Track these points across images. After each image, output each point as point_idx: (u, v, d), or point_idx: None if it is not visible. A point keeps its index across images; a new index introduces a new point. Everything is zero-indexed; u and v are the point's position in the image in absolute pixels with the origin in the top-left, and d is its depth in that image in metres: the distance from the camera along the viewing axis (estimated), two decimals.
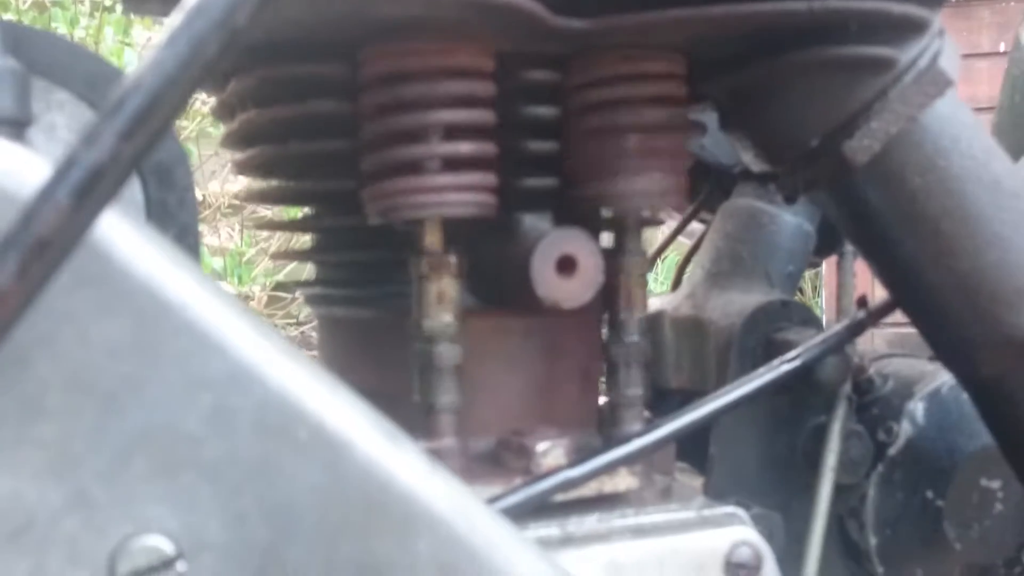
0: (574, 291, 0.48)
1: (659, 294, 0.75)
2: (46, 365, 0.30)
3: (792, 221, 0.70)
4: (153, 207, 0.43)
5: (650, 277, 0.73)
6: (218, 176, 2.84)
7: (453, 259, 0.48)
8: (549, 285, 0.48)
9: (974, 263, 0.52)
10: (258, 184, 0.59)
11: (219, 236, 3.76)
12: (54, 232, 0.26)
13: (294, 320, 2.86)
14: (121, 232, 0.31)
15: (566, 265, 0.48)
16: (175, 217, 0.43)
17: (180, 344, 0.31)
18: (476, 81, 0.47)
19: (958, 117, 0.51)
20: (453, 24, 0.45)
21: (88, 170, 0.26)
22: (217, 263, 3.46)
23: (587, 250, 0.48)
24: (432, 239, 0.48)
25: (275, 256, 0.59)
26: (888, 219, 0.52)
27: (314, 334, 2.88)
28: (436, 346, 0.48)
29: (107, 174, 0.26)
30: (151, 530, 0.31)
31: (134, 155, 0.26)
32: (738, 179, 0.72)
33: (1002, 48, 3.03)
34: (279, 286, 2.76)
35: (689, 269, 0.74)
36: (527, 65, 0.51)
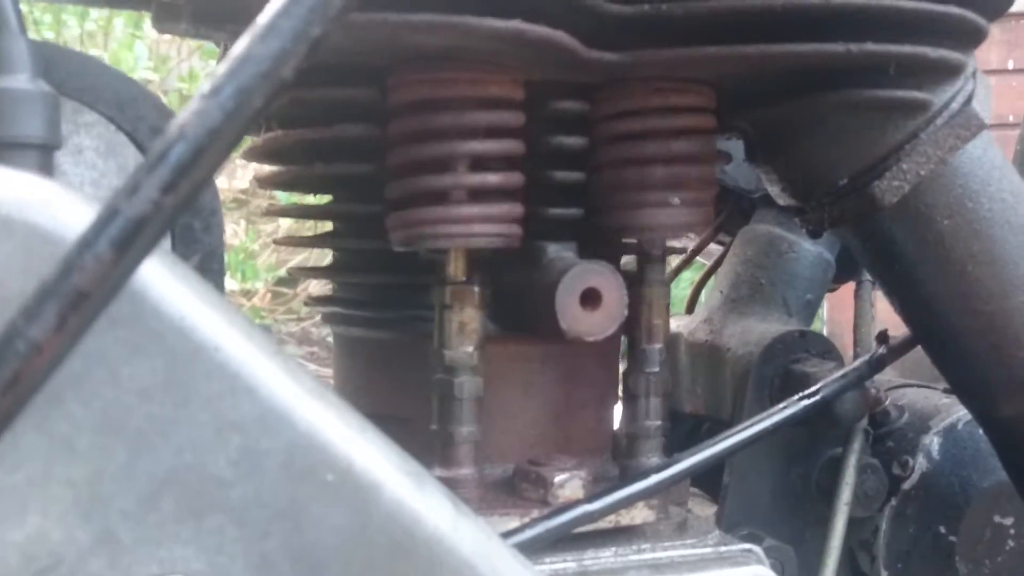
0: (598, 324, 0.48)
1: (674, 315, 0.74)
2: (77, 405, 0.30)
3: (812, 249, 0.69)
4: (179, 231, 0.43)
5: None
6: (223, 170, 2.83)
7: (476, 289, 0.48)
8: (573, 318, 0.47)
9: (1000, 306, 0.51)
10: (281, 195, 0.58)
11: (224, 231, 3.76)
12: (93, 284, 0.26)
13: (295, 316, 2.86)
14: (154, 272, 0.30)
15: (590, 298, 0.48)
16: (200, 241, 0.43)
17: (210, 386, 0.31)
18: (505, 111, 0.47)
19: (988, 159, 0.51)
20: (486, 54, 0.45)
21: (129, 221, 0.26)
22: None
23: (611, 284, 0.48)
24: (456, 269, 0.48)
25: (280, 243, 0.59)
26: (914, 258, 0.52)
27: (314, 330, 2.88)
28: (457, 377, 0.48)
29: (148, 226, 0.26)
30: (177, 571, 0.31)
31: (176, 207, 0.26)
32: (758, 204, 0.71)
33: (1011, 65, 3.02)
34: (281, 281, 2.76)
35: (705, 291, 0.74)
36: (556, 94, 0.50)
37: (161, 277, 0.31)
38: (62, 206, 0.29)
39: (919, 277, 0.52)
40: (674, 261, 0.80)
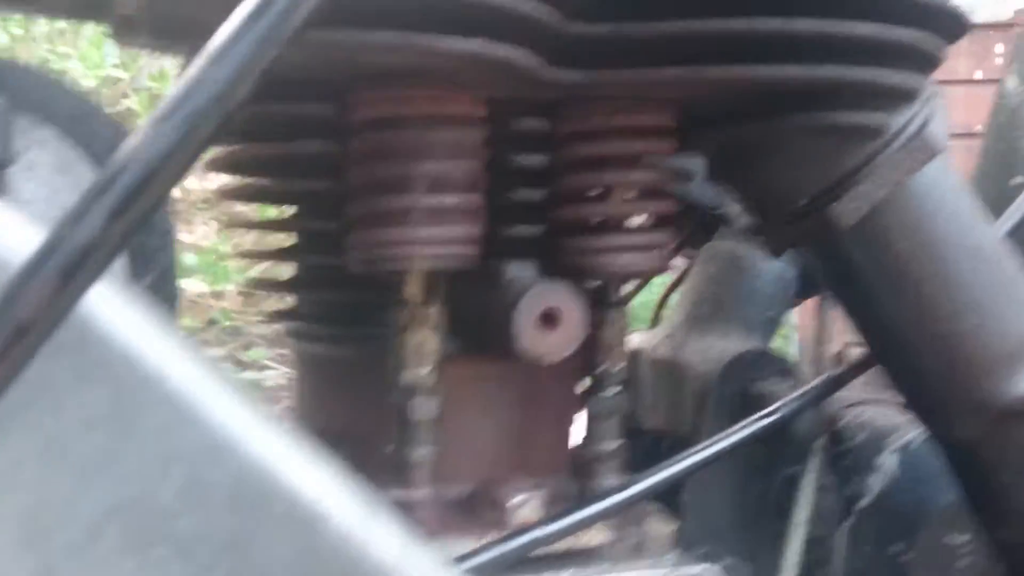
0: (556, 345, 0.48)
1: (637, 329, 0.75)
2: (20, 435, 0.29)
3: (773, 267, 0.70)
4: (133, 250, 0.42)
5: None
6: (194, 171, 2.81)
7: (434, 311, 0.48)
8: (531, 339, 0.47)
9: (953, 327, 0.52)
10: (242, 208, 0.58)
11: (194, 232, 3.73)
12: (36, 315, 0.25)
13: (267, 318, 2.84)
14: (101, 298, 0.30)
15: (549, 319, 0.48)
16: (155, 261, 0.42)
17: (156, 416, 0.30)
18: (466, 130, 0.47)
19: (945, 182, 0.51)
20: (447, 73, 0.45)
21: (76, 249, 0.25)
22: (191, 260, 3.43)
23: (571, 304, 0.48)
24: (413, 290, 0.47)
25: (244, 255, 0.58)
26: (871, 279, 0.52)
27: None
28: (413, 398, 0.48)
29: (95, 254, 0.25)
30: None
31: (125, 234, 0.26)
32: (721, 220, 0.72)
33: (978, 76, 3.06)
34: (252, 283, 2.73)
35: (669, 307, 0.74)
36: (518, 112, 0.50)
37: (108, 304, 0.30)
38: (6, 229, 0.28)
39: (876, 297, 0.53)
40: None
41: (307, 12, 0.28)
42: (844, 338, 0.66)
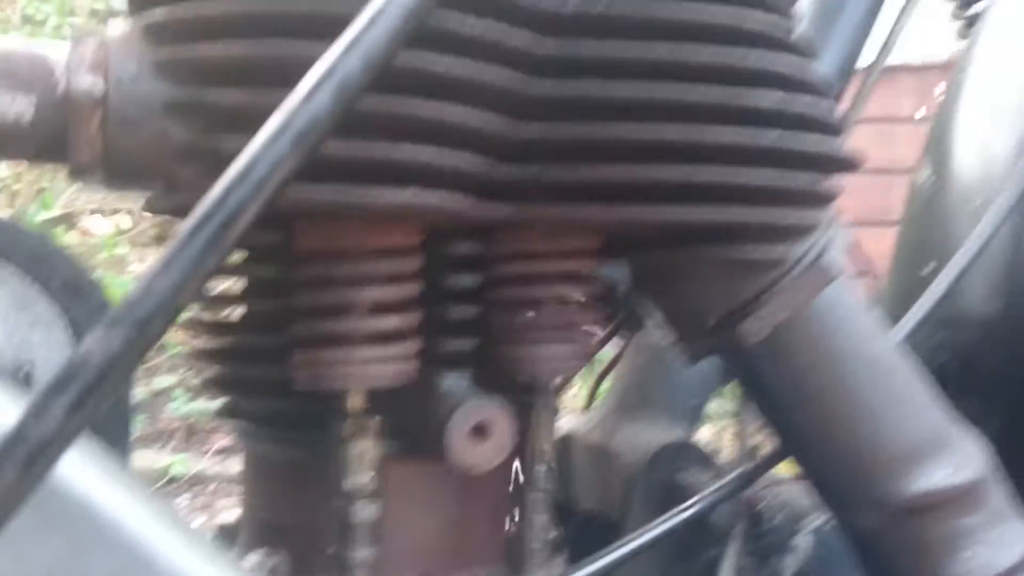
0: (486, 456, 0.52)
1: (573, 412, 0.79)
2: None
3: None
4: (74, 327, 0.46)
5: None
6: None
7: (374, 422, 0.51)
8: (462, 451, 0.51)
9: (853, 433, 0.57)
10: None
11: (145, 261, 3.74)
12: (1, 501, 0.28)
13: (217, 412, 2.85)
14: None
15: (479, 432, 0.52)
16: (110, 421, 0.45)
17: (111, 563, 0.34)
18: (404, 259, 0.51)
19: (843, 301, 0.56)
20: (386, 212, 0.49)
21: (35, 444, 0.29)
22: None
23: (500, 418, 0.52)
24: (355, 404, 0.51)
25: (193, 358, 0.61)
26: (777, 388, 0.57)
27: None
28: (354, 503, 0.51)
29: (53, 446, 0.29)
30: None
31: (80, 427, 0.29)
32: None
33: (920, 114, 3.18)
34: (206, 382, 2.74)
35: (603, 390, 0.79)
36: (453, 238, 0.54)
37: (68, 458, 0.33)
38: None
39: (782, 404, 0.57)
40: None
41: (252, 216, 0.32)
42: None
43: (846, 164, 0.51)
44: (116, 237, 3.81)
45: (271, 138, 0.32)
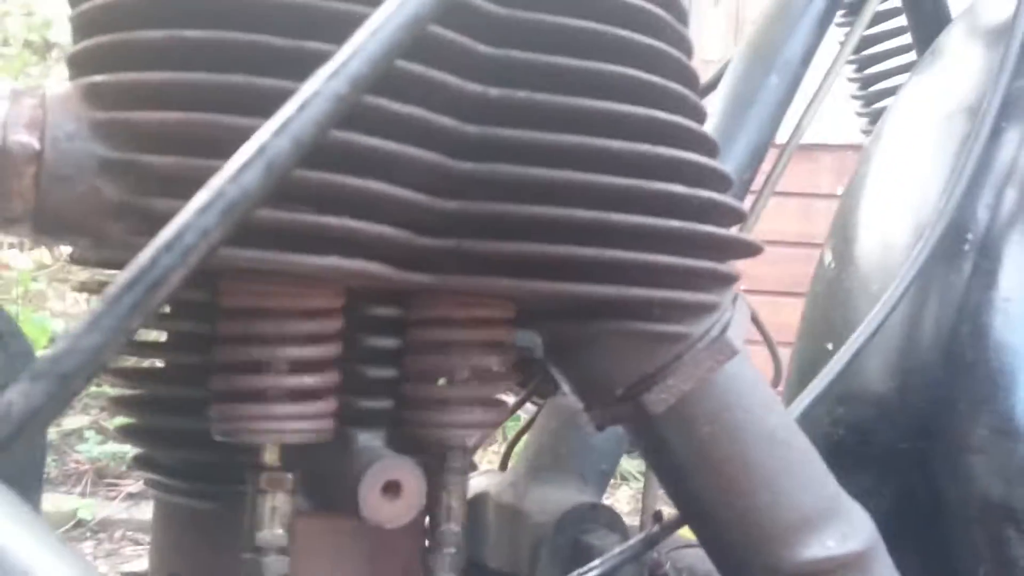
0: (397, 514, 0.53)
1: (486, 472, 0.81)
2: None
3: None
4: None
5: None
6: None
7: (289, 477, 0.53)
8: (374, 508, 0.53)
9: (750, 503, 0.60)
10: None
11: (64, 300, 3.67)
12: None
13: (128, 464, 2.81)
14: None
15: (391, 489, 0.53)
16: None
17: None
18: (325, 320, 0.53)
19: (743, 375, 0.60)
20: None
21: None
22: (59, 326, 3.36)
23: (411, 476, 0.54)
24: (270, 458, 0.53)
25: (107, 408, 0.62)
26: (679, 457, 0.60)
27: None
28: (266, 557, 0.52)
29: None
30: None
31: None
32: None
33: (839, 191, 3.30)
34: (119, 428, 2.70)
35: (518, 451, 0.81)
36: (375, 301, 0.56)
37: None
38: None
39: (684, 472, 0.60)
40: None
41: (178, 280, 0.34)
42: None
43: (746, 249, 0.54)
44: (35, 272, 3.73)
45: (200, 209, 0.34)
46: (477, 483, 0.79)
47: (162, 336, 0.56)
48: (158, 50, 0.42)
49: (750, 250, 0.55)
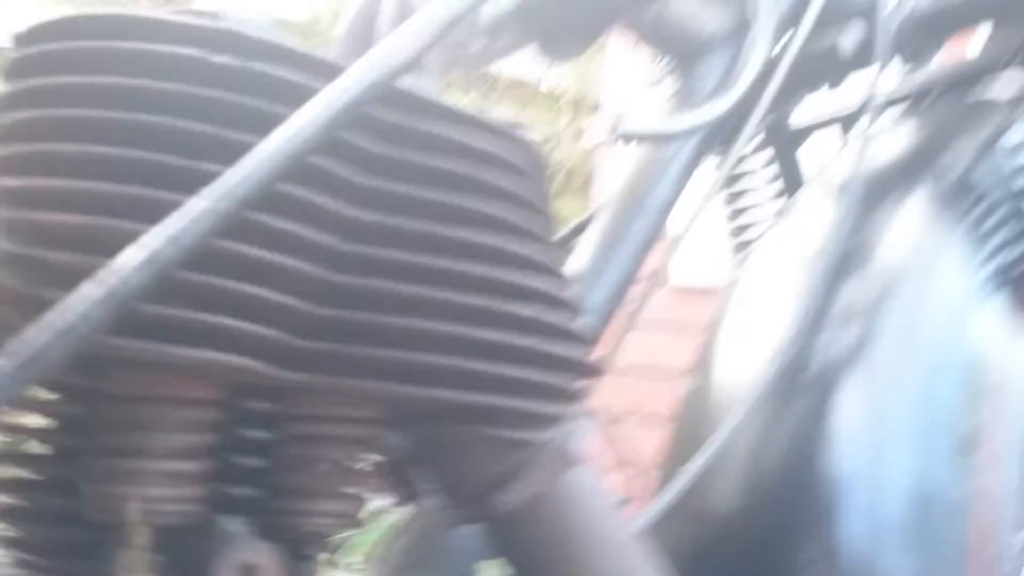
0: None
1: (357, 567, 0.84)
2: None
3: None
4: None
5: None
6: None
7: (154, 557, 0.56)
8: None
9: None
10: None
11: None
12: None
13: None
14: None
15: (248, 572, 0.57)
16: None
17: None
18: (199, 409, 0.57)
19: (585, 483, 0.66)
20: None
21: None
22: None
23: (268, 561, 0.58)
24: (137, 538, 0.56)
25: None
26: (526, 556, 0.65)
27: None
28: None
29: None
30: None
31: None
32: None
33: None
34: None
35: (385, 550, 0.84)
36: (249, 394, 0.61)
37: None
38: None
39: (529, 570, 0.65)
40: None
41: (60, 356, 0.38)
42: None
43: (590, 371, 0.61)
44: None
45: (85, 297, 0.39)
46: None
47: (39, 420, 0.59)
48: (71, 162, 0.48)
49: (593, 372, 0.62)
